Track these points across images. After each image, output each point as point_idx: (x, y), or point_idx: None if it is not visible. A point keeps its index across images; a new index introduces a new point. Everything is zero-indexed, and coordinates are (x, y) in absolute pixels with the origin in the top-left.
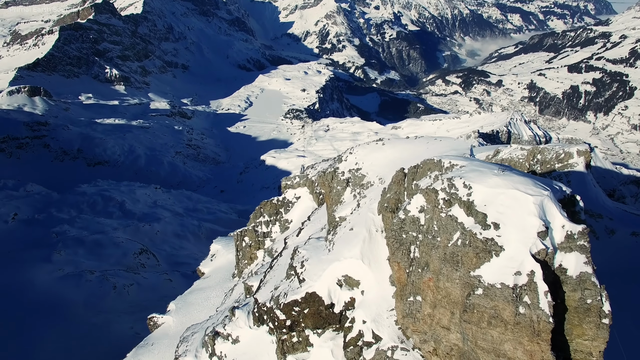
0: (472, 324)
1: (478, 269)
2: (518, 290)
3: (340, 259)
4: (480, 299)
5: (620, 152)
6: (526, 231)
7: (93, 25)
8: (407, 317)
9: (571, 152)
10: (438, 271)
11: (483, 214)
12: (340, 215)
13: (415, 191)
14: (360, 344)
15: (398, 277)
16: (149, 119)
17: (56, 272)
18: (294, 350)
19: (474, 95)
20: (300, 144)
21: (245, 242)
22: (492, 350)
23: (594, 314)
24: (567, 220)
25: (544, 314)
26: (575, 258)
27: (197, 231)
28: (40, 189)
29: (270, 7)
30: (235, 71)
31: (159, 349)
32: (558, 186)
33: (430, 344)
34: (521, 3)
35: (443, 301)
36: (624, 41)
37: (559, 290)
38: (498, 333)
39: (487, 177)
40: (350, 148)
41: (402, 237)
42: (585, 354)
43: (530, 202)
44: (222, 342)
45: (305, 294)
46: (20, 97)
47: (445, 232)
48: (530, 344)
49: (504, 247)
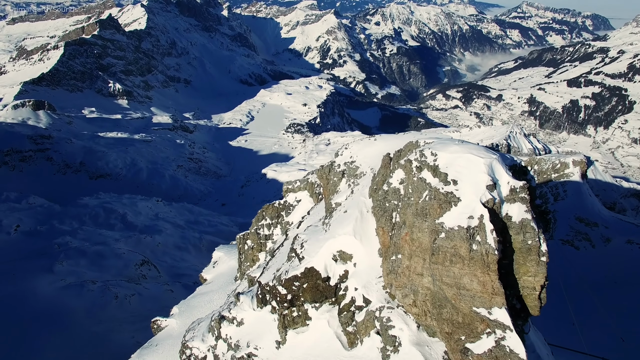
0: (438, 264)
1: (441, 217)
2: (471, 231)
3: (335, 236)
4: (443, 241)
5: (621, 166)
6: (478, 185)
7: (97, 41)
8: (390, 273)
9: (567, 162)
10: (412, 225)
11: (445, 173)
12: (336, 201)
13: (397, 167)
14: (352, 309)
15: (383, 241)
16: (151, 132)
17: (58, 282)
18: (294, 324)
19: (474, 109)
20: (302, 157)
21: (247, 245)
22: (454, 284)
23: (534, 253)
24: (511, 178)
25: (491, 248)
26: (518, 207)
27: (198, 243)
28: (42, 201)
29: (272, 23)
30: (237, 86)
31: (163, 349)
32: (510, 157)
33: (410, 298)
34: (520, 19)
35: (417, 251)
36: (622, 56)
37: (506, 234)
38: (458, 269)
39: (449, 146)
40: (346, 144)
41: (385, 206)
42: (530, 289)
43: (481, 162)
44: (227, 325)
45: (304, 268)
46: (25, 110)
47: (417, 192)
48: (483, 275)
49: (460, 198)
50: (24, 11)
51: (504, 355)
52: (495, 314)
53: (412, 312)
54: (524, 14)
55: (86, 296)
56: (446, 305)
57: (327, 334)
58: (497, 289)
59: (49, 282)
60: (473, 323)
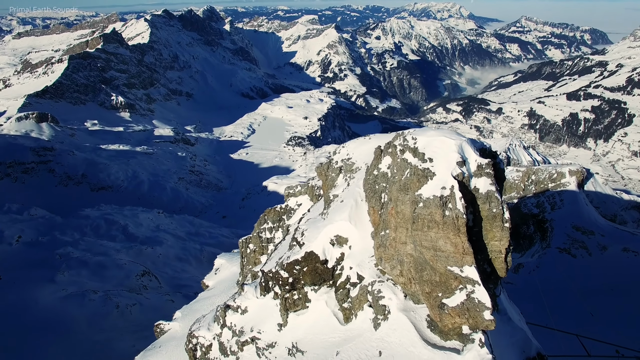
0: (418, 230)
1: (420, 190)
2: (444, 199)
3: (333, 222)
4: (422, 209)
5: (622, 179)
6: (449, 162)
7: (101, 55)
8: (380, 247)
9: (563, 172)
10: (396, 199)
11: (423, 153)
12: (334, 194)
13: (385, 155)
14: (348, 286)
15: (374, 220)
16: (153, 145)
17: (60, 292)
18: (295, 306)
19: (474, 122)
20: (302, 170)
21: (250, 248)
22: (431, 247)
23: (498, 219)
24: (479, 156)
25: (460, 213)
26: (484, 181)
27: (199, 255)
28: (43, 212)
29: (274, 37)
30: (239, 99)
31: (166, 350)
32: (480, 141)
33: (397, 269)
34: (519, 33)
35: (401, 222)
36: (620, 70)
37: (475, 205)
38: (434, 233)
39: (427, 131)
40: (343, 144)
41: (375, 188)
42: (497, 252)
43: (452, 144)
44: (232, 314)
45: (305, 252)
46: (28, 123)
47: (400, 171)
48: (454, 237)
49: (435, 173)
50: (30, 26)
51: (474, 306)
52: (466, 272)
53: (400, 282)
54: (523, 28)
55: (88, 305)
56: (426, 268)
57: (325, 313)
58: (467, 249)
59: (50, 292)
60: (448, 281)
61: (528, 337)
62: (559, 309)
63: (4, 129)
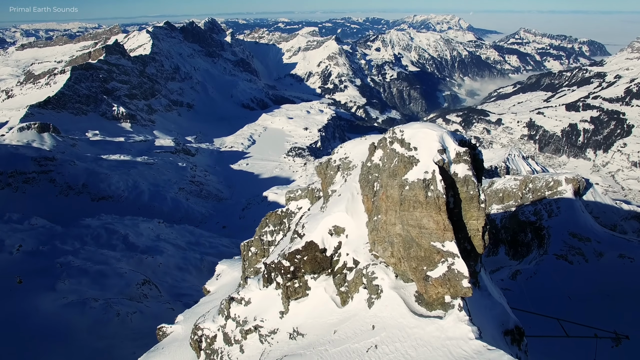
0: (405, 211)
1: (406, 175)
2: (426, 182)
3: (331, 213)
4: (408, 192)
5: (622, 189)
6: (431, 150)
7: (103, 66)
8: (373, 231)
9: (560, 180)
10: (386, 185)
11: (408, 143)
12: (333, 189)
13: (378, 148)
14: (345, 271)
15: (367, 207)
16: (154, 155)
17: (60, 300)
18: (296, 294)
19: (474, 133)
20: (302, 180)
21: (251, 251)
22: (417, 225)
23: (475, 200)
24: (457, 145)
25: (440, 193)
26: (462, 167)
27: (199, 264)
28: (44, 222)
29: (274, 49)
30: (239, 110)
31: (169, 351)
32: (460, 135)
33: (388, 251)
34: (518, 45)
35: (391, 205)
36: (618, 81)
37: (455, 188)
38: (419, 212)
39: (413, 125)
40: (341, 145)
41: (368, 178)
42: (475, 230)
43: (434, 134)
44: (236, 306)
45: (305, 242)
46: (30, 133)
47: (389, 160)
48: (436, 215)
49: (419, 160)
50: (33, 38)
51: (453, 276)
52: (447, 246)
53: (391, 263)
54: (522, 40)
55: (88, 313)
56: (412, 245)
57: (323, 299)
58: (447, 226)
59: (51, 300)
60: (432, 255)
61: (507, 311)
62: (555, 314)
63: (6, 139)
